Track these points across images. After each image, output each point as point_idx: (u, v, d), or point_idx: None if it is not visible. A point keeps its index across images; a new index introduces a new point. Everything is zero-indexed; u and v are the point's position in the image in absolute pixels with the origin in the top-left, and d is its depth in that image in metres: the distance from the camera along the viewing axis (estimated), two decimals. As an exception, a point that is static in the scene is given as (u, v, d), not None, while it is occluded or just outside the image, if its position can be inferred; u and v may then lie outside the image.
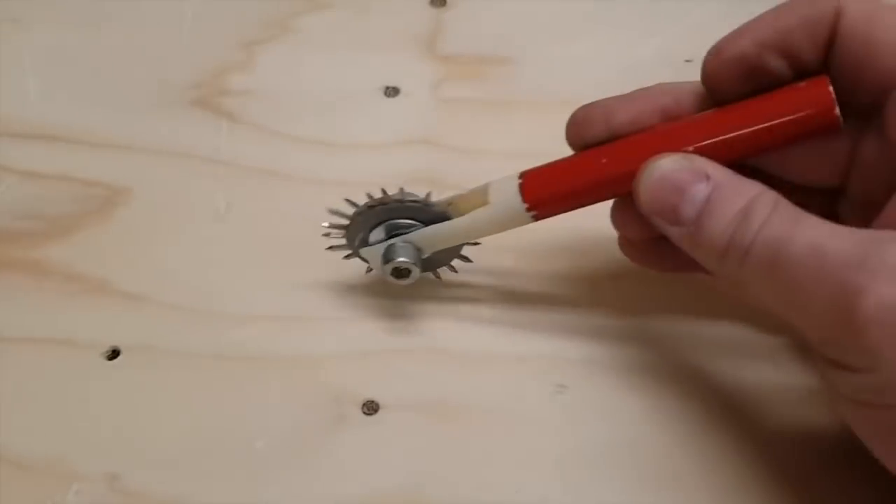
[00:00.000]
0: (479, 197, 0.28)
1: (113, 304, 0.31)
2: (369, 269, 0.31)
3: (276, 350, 0.30)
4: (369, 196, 0.29)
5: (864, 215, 0.25)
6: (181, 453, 0.28)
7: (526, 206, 0.27)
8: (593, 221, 0.29)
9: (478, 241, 0.30)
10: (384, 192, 0.29)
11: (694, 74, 0.28)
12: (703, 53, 0.25)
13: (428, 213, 0.29)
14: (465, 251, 0.30)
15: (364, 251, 0.30)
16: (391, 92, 0.38)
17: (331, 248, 0.30)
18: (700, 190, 0.24)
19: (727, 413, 0.29)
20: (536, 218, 0.28)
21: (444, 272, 0.31)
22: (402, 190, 0.29)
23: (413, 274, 0.29)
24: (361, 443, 0.28)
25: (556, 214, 0.28)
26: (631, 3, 0.40)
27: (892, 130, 0.24)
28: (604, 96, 0.27)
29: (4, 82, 0.38)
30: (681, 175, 0.24)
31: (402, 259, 0.29)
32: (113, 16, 0.40)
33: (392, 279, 0.29)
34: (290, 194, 0.34)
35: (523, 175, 0.28)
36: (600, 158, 0.27)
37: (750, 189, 0.23)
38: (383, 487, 0.28)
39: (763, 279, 0.23)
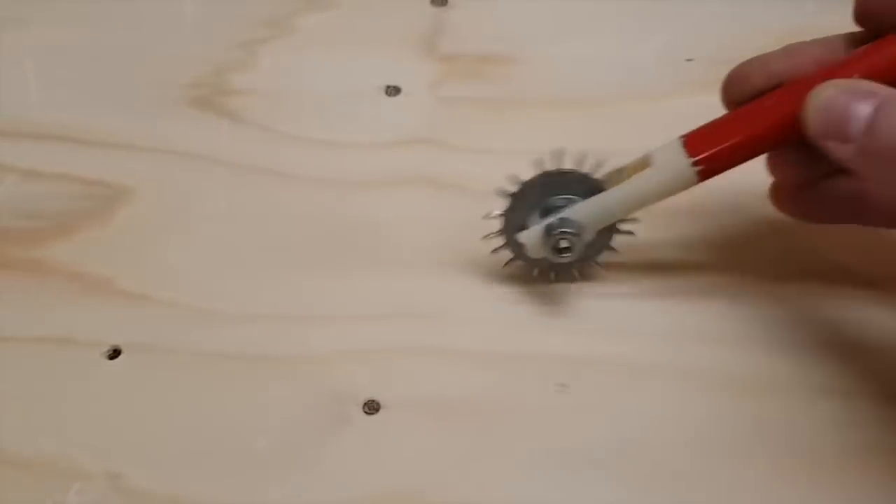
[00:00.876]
0: (639, 165, 0.28)
1: (113, 303, 0.31)
2: (510, 262, 0.31)
3: (276, 350, 0.30)
4: (516, 183, 0.28)
5: None
6: (181, 453, 0.28)
7: (692, 160, 0.27)
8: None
9: (632, 231, 0.30)
10: (541, 167, 0.28)
11: (695, 74, 0.28)
12: (703, 53, 0.25)
13: (589, 189, 0.28)
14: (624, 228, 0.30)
15: (523, 235, 0.29)
16: (392, 91, 0.38)
17: (496, 249, 0.30)
18: (866, 106, 0.24)
19: (728, 412, 0.29)
20: (702, 175, 0.27)
21: (604, 256, 0.31)
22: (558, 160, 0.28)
23: (576, 248, 0.28)
24: (362, 443, 0.28)
25: (722, 170, 0.28)
26: (631, 2, 0.40)
27: None
28: (604, 96, 0.27)
29: (5, 82, 0.38)
30: (846, 94, 0.24)
31: (563, 230, 0.28)
32: (113, 16, 0.40)
33: (555, 256, 0.29)
34: (290, 193, 0.34)
35: (684, 136, 0.28)
36: (764, 104, 0.27)
37: None
38: (384, 487, 0.28)
39: None
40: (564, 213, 0.29)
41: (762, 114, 0.27)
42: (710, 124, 0.28)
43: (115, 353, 0.30)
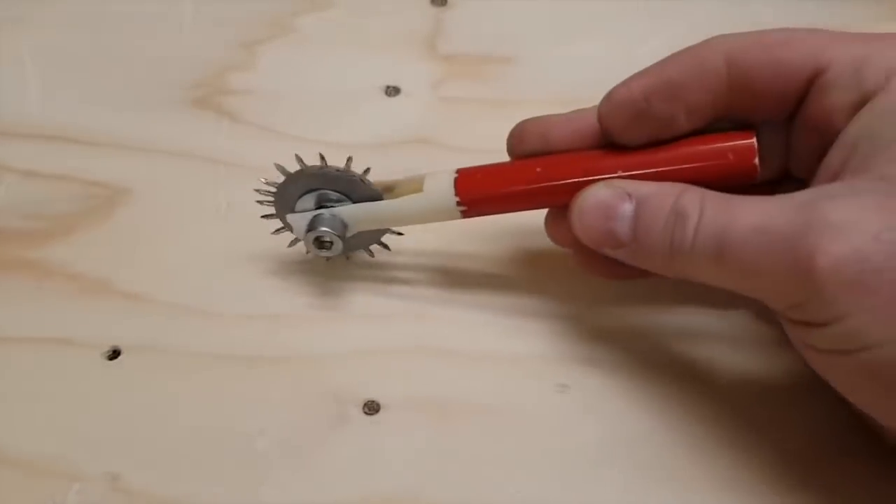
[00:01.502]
0: (415, 185, 0.29)
1: (113, 303, 0.32)
2: (293, 242, 0.31)
3: (276, 350, 0.30)
4: (300, 161, 0.29)
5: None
6: (181, 453, 0.28)
7: (457, 199, 0.28)
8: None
9: (401, 231, 0.31)
10: (322, 157, 0.29)
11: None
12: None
13: (361, 190, 0.29)
14: (387, 239, 0.31)
15: (290, 217, 0.30)
16: (392, 91, 0.38)
17: (265, 216, 0.31)
18: (626, 209, 0.25)
19: (728, 411, 0.29)
20: (465, 214, 0.28)
21: (360, 254, 0.32)
22: (348, 161, 0.29)
23: (335, 247, 0.30)
24: (362, 443, 0.28)
25: (485, 214, 0.29)
26: (631, 2, 0.40)
27: (815, 113, 0.25)
28: (604, 96, 0.27)
29: (5, 82, 0.38)
30: (605, 201, 0.26)
31: (325, 229, 0.29)
32: (113, 16, 0.40)
33: (314, 249, 0.30)
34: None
35: (459, 171, 0.29)
36: (535, 167, 0.28)
37: (672, 190, 0.25)
38: (384, 487, 0.28)
39: (713, 269, 0.24)
40: (334, 211, 0.29)
41: (532, 175, 0.28)
42: (487, 167, 0.29)
43: (114, 354, 0.30)
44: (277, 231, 0.31)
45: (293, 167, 0.29)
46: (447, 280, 0.32)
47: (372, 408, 0.29)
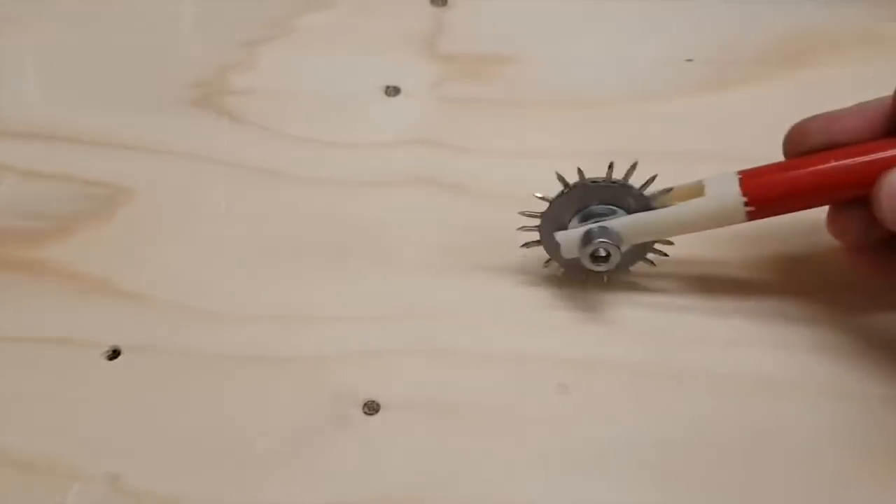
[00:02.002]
0: (694, 191, 0.28)
1: (113, 303, 0.31)
2: (548, 262, 0.31)
3: (276, 350, 0.30)
4: (561, 180, 0.28)
5: None
6: (181, 453, 0.28)
7: (744, 199, 0.27)
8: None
9: (672, 241, 0.30)
10: (580, 173, 0.28)
11: (695, 74, 0.28)
12: (703, 53, 0.25)
13: (634, 201, 0.28)
14: (659, 247, 0.30)
15: (559, 235, 0.29)
16: (392, 91, 0.38)
17: (526, 245, 0.30)
18: None
19: (728, 411, 0.29)
20: (751, 216, 0.27)
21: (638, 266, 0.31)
22: (609, 170, 0.28)
23: (613, 258, 0.28)
24: (362, 443, 0.28)
25: (771, 214, 0.28)
26: (631, 2, 0.40)
27: None
28: (604, 96, 0.27)
29: (4, 82, 0.38)
30: None
31: (602, 240, 0.28)
32: (113, 16, 0.40)
33: (590, 263, 0.29)
34: (290, 194, 0.34)
35: (742, 172, 0.28)
36: (829, 159, 0.27)
37: None
38: (384, 487, 0.28)
39: None
40: (606, 223, 0.28)
41: (825, 168, 0.27)
42: (772, 166, 0.28)
43: (114, 354, 0.30)
44: (528, 244, 0.30)
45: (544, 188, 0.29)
46: (447, 280, 0.32)
47: (372, 408, 0.29)
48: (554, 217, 0.29)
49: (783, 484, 0.27)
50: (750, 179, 0.27)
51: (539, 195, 0.29)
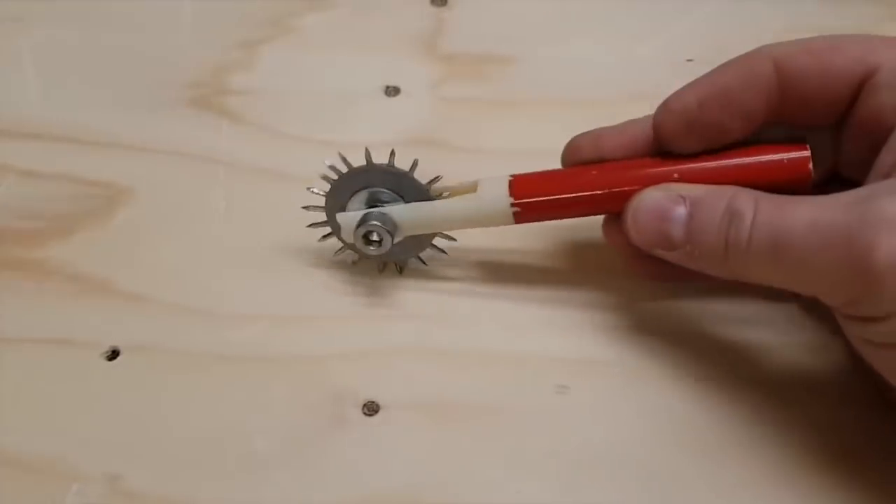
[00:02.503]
0: (469, 188, 0.29)
1: (113, 304, 0.31)
2: (340, 250, 0.32)
3: (276, 350, 0.30)
4: (344, 160, 0.29)
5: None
6: (181, 453, 0.28)
7: (511, 200, 0.28)
8: (593, 228, 0.29)
9: (453, 236, 0.31)
10: (368, 155, 0.29)
11: (694, 74, 0.28)
12: (703, 53, 0.25)
13: (412, 191, 0.29)
14: (440, 243, 0.31)
15: (340, 216, 0.30)
16: (392, 91, 0.37)
17: (314, 224, 0.31)
18: (680, 211, 0.26)
19: (726, 413, 0.29)
20: (518, 217, 0.28)
21: (414, 263, 0.32)
22: (391, 156, 0.29)
23: (384, 244, 0.29)
24: (361, 443, 0.28)
25: (537, 218, 0.29)
26: (631, 3, 0.40)
27: (866, 115, 0.26)
28: (604, 96, 0.27)
29: (4, 82, 0.38)
30: (659, 203, 0.26)
31: (375, 222, 0.29)
32: (113, 16, 0.40)
33: (361, 245, 0.30)
34: (290, 194, 0.34)
35: (514, 175, 0.29)
36: (591, 171, 0.28)
37: (726, 192, 0.25)
38: (383, 488, 0.28)
39: (769, 267, 0.24)
40: (385, 209, 0.29)
41: (587, 178, 0.28)
42: (542, 172, 0.29)
43: (114, 354, 0.30)
44: (325, 238, 0.31)
45: (337, 171, 0.30)
46: (447, 280, 0.32)
47: (372, 408, 0.29)
48: (339, 200, 0.30)
49: (779, 484, 0.27)
50: (520, 182, 0.29)
51: (323, 176, 0.30)
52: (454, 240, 0.31)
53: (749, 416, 0.29)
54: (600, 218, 0.30)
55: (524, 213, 0.28)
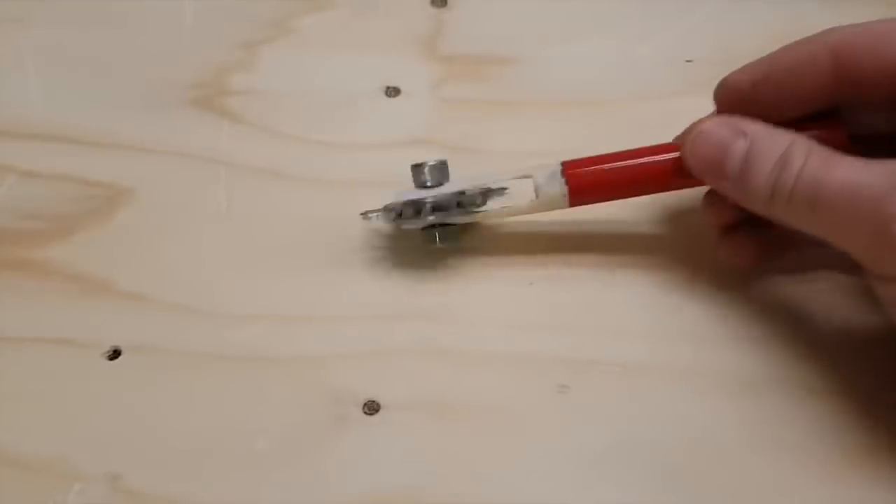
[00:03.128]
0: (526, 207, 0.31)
1: (114, 304, 0.31)
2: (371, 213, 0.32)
3: (276, 350, 0.30)
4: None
5: None
6: (181, 453, 0.28)
7: (563, 179, 0.29)
8: (593, 228, 0.29)
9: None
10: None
11: (695, 74, 0.28)
12: (703, 53, 0.25)
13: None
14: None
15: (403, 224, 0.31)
16: (392, 92, 0.37)
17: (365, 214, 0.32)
18: (740, 145, 0.27)
19: (726, 412, 0.29)
20: (572, 198, 0.30)
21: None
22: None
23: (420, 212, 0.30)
24: (362, 443, 0.28)
25: (592, 198, 0.30)
26: (631, 3, 0.40)
27: None
28: (604, 96, 0.27)
29: (5, 82, 0.38)
30: (721, 132, 0.27)
31: (436, 219, 0.30)
32: (113, 15, 0.40)
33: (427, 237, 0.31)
34: (290, 194, 0.34)
35: (565, 162, 0.30)
36: (640, 149, 0.29)
37: (785, 139, 0.26)
38: (384, 487, 0.28)
39: (807, 217, 0.26)
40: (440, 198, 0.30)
41: (638, 153, 0.29)
42: (594, 157, 0.30)
43: (114, 354, 0.30)
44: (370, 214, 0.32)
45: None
46: (447, 280, 0.32)
47: (372, 408, 0.29)
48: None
49: (780, 483, 0.27)
50: (571, 164, 0.30)
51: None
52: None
53: (749, 416, 0.29)
54: (600, 224, 0.30)
55: (575, 190, 0.29)
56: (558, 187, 0.30)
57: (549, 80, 0.38)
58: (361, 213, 0.32)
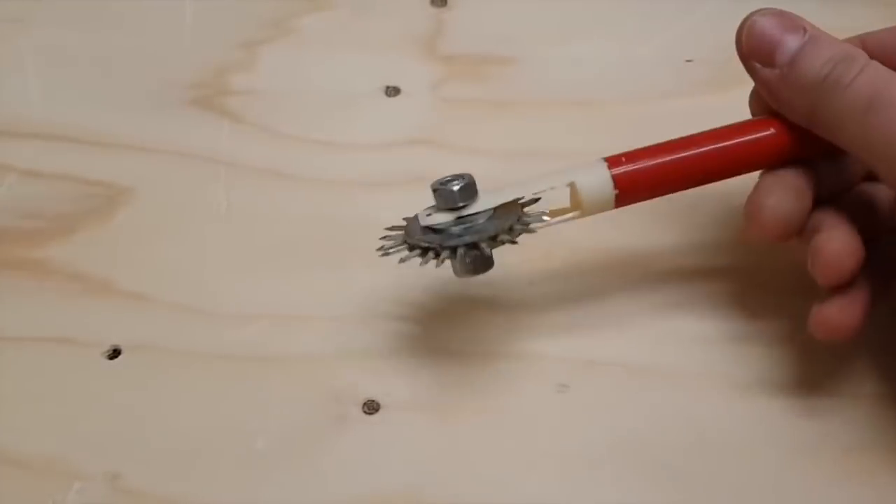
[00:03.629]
0: (566, 208, 0.28)
1: (114, 303, 0.31)
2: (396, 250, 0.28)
3: (276, 350, 0.30)
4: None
5: None
6: (183, 452, 0.28)
7: (611, 172, 0.27)
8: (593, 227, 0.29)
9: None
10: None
11: (695, 74, 0.28)
12: (703, 53, 0.25)
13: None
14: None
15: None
16: (392, 92, 0.38)
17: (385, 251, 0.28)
18: (796, 37, 0.26)
19: (727, 412, 0.29)
20: (619, 200, 0.27)
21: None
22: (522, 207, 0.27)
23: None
24: (362, 443, 0.28)
25: (640, 196, 0.27)
26: (631, 3, 0.40)
27: None
28: (604, 96, 0.27)
29: (5, 82, 0.38)
30: (781, 22, 0.26)
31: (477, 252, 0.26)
32: (114, 15, 0.40)
33: (487, 249, 0.27)
34: (290, 194, 0.34)
35: (608, 158, 0.27)
36: (683, 140, 0.27)
37: (844, 43, 0.26)
38: (383, 487, 0.28)
39: (855, 122, 0.24)
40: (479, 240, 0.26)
41: (686, 144, 0.27)
42: (637, 150, 0.28)
43: (114, 354, 0.30)
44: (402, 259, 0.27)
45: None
46: (447, 280, 0.32)
47: (372, 408, 0.29)
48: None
49: (781, 483, 0.27)
50: (615, 159, 0.27)
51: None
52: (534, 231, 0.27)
53: (749, 416, 0.29)
54: (600, 223, 0.30)
55: (624, 192, 0.27)
56: (606, 189, 0.27)
57: (549, 79, 0.38)
58: (378, 249, 0.28)
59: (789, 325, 0.30)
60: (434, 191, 0.27)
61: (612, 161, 0.27)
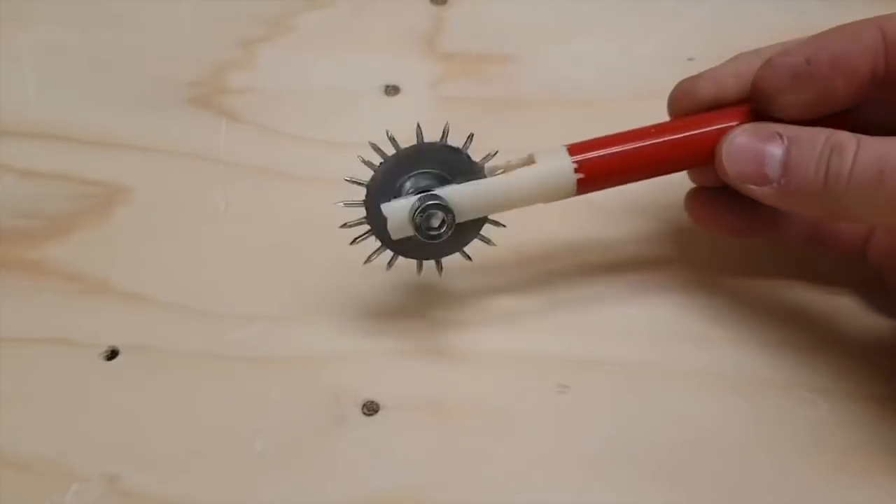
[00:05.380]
0: (522, 163, 0.28)
1: (112, 303, 0.31)
2: (376, 252, 0.29)
3: (276, 350, 0.30)
4: (393, 140, 0.27)
5: None
6: (181, 453, 0.28)
7: (574, 165, 0.27)
8: (593, 228, 0.29)
9: (503, 223, 0.29)
10: (420, 133, 0.27)
11: (696, 73, 0.28)
12: (703, 52, 0.25)
13: (464, 171, 0.27)
14: (487, 232, 0.29)
15: (386, 207, 0.27)
16: (391, 90, 0.37)
17: (347, 225, 0.28)
18: (777, 147, 0.26)
19: (727, 412, 0.29)
20: (581, 185, 0.27)
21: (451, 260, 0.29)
22: (445, 134, 0.27)
23: (446, 228, 0.27)
24: (361, 443, 0.28)
25: (601, 184, 0.28)
26: (631, 2, 0.40)
27: None
28: (604, 96, 0.27)
29: (4, 82, 0.38)
30: (756, 137, 0.26)
31: (434, 202, 0.26)
32: (112, 15, 0.40)
33: (423, 234, 0.27)
34: (290, 193, 0.34)
35: (570, 144, 0.28)
36: (650, 129, 0.28)
37: (823, 130, 0.25)
38: (383, 488, 0.28)
39: (871, 196, 0.24)
40: (437, 191, 0.27)
41: (649, 133, 0.27)
42: (598, 138, 0.28)
43: (112, 354, 0.30)
44: (359, 239, 0.28)
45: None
46: (446, 280, 0.32)
47: (372, 408, 0.29)
48: (382, 191, 0.27)
49: (781, 483, 0.27)
50: (578, 147, 0.27)
51: (364, 160, 0.28)
52: (504, 225, 0.29)
53: (750, 416, 0.29)
54: (600, 223, 0.30)
55: (588, 178, 0.27)
56: (567, 174, 0.27)
57: (549, 78, 0.38)
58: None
59: (789, 326, 0.30)
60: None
61: (575, 148, 0.27)
